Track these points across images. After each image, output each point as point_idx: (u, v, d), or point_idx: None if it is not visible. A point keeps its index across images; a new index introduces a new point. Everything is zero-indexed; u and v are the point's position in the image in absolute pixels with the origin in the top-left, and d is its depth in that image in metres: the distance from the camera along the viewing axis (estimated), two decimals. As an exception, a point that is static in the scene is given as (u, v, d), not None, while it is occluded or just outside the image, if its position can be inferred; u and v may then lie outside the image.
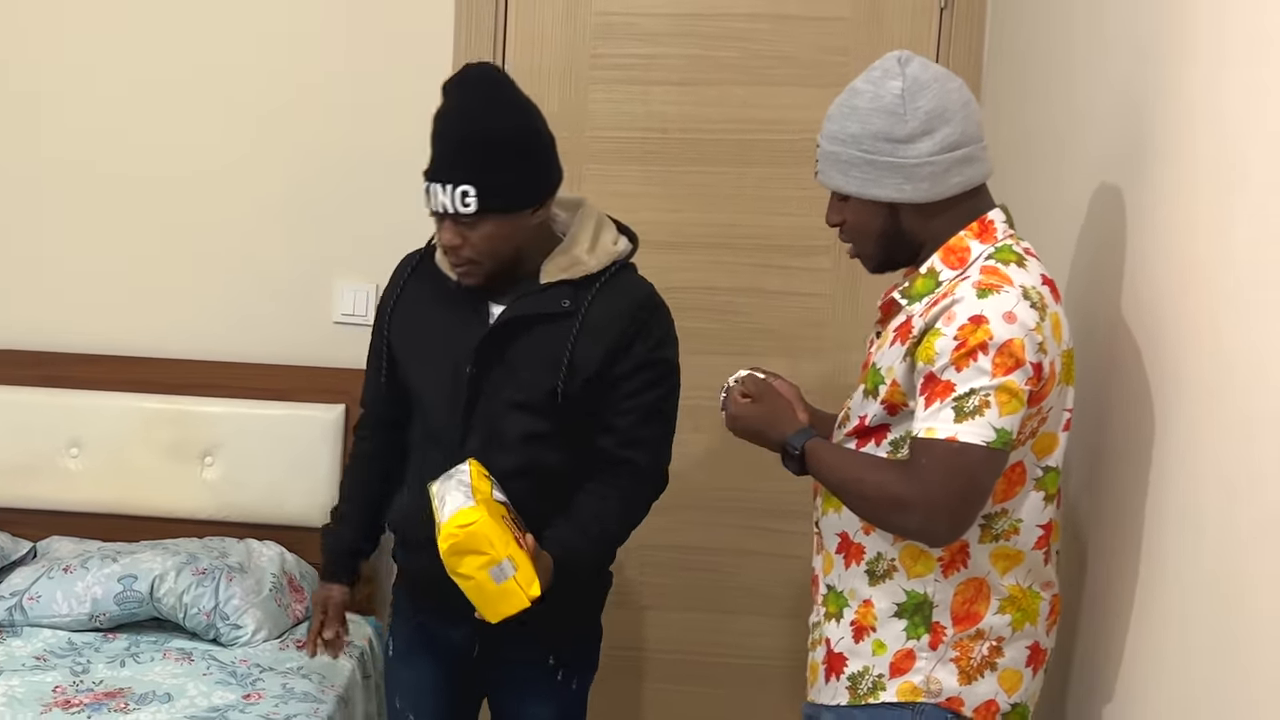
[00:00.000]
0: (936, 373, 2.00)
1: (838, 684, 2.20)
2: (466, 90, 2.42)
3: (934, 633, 2.11)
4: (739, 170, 3.54)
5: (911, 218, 2.12)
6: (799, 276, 3.55)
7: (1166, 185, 2.03)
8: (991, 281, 2.01)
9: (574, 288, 2.47)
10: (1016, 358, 1.96)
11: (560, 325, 2.46)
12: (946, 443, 1.97)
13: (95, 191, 3.64)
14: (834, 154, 2.14)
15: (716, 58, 3.52)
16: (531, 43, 3.55)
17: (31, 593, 3.29)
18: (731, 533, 3.63)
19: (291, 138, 3.58)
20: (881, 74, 2.11)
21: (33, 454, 3.58)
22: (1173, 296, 1.99)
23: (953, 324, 1.99)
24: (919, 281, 2.13)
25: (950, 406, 1.97)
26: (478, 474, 2.36)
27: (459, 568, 2.25)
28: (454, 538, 2.23)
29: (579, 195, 2.64)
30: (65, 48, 3.61)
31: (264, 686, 3.04)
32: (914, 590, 2.12)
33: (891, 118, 2.07)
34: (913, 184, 2.08)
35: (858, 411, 2.20)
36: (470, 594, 2.27)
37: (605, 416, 2.51)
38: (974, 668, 2.11)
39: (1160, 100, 2.09)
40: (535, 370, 2.46)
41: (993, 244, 2.09)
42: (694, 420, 3.58)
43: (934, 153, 2.06)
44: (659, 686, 3.70)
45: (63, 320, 3.66)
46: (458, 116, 2.40)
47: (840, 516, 2.20)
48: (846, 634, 2.19)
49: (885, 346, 2.15)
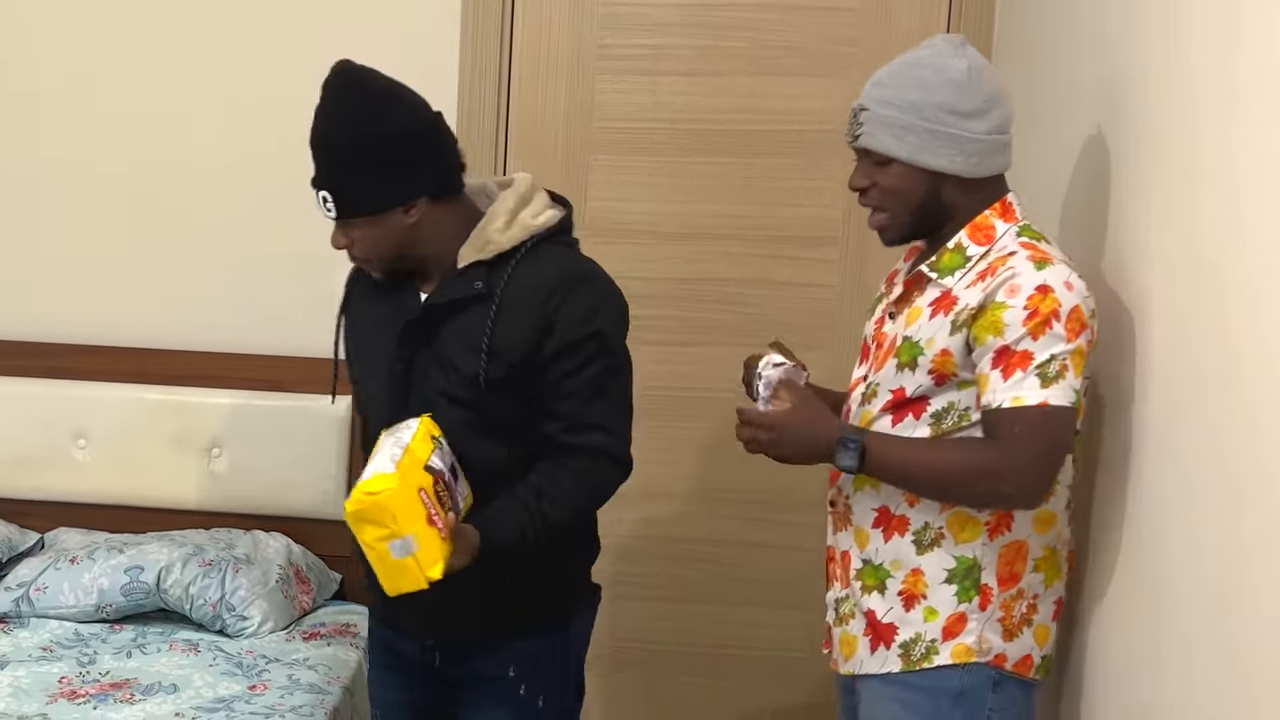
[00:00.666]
0: (1011, 344, 2.07)
1: (887, 653, 2.25)
2: (325, 94, 2.38)
3: (983, 594, 2.19)
4: (747, 161, 3.52)
5: (953, 190, 2.19)
6: (808, 267, 3.54)
7: (1173, 170, 2.02)
8: (1041, 255, 2.11)
9: (488, 268, 2.36)
10: (1082, 322, 2.07)
11: (478, 309, 2.36)
12: (1038, 408, 2.05)
13: (99, 184, 3.63)
14: (889, 118, 2.17)
15: (725, 48, 3.50)
16: (539, 33, 3.53)
17: (38, 584, 3.29)
18: (734, 524, 3.62)
19: (295, 128, 3.55)
20: (943, 52, 2.18)
21: (40, 445, 3.58)
22: (1176, 286, 1.98)
23: (1019, 295, 2.07)
24: (947, 256, 2.20)
25: (1034, 374, 2.05)
26: (423, 434, 2.25)
27: (361, 534, 2.17)
28: (359, 503, 2.15)
29: (522, 174, 2.51)
30: (65, 42, 3.60)
31: (270, 678, 3.04)
32: (963, 555, 2.19)
33: (958, 91, 2.14)
34: (964, 157, 2.15)
35: (889, 385, 2.22)
36: (371, 562, 2.19)
37: (546, 402, 2.38)
38: (1015, 625, 2.20)
39: (1167, 84, 2.07)
40: (460, 358, 2.37)
41: (1015, 223, 2.19)
42: (703, 412, 3.59)
43: (988, 132, 2.16)
44: (665, 679, 3.69)
45: (68, 312, 3.66)
46: (315, 121, 2.39)
47: (878, 492, 2.24)
48: (895, 604, 2.23)
49: (922, 320, 2.19)
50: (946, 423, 2.17)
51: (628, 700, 3.71)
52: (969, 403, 2.15)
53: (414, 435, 2.24)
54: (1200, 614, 1.80)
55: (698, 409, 3.59)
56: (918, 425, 2.19)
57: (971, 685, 2.19)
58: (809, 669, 3.64)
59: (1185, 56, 2.01)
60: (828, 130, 3.47)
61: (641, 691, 3.71)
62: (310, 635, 3.29)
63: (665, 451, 3.60)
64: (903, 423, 2.21)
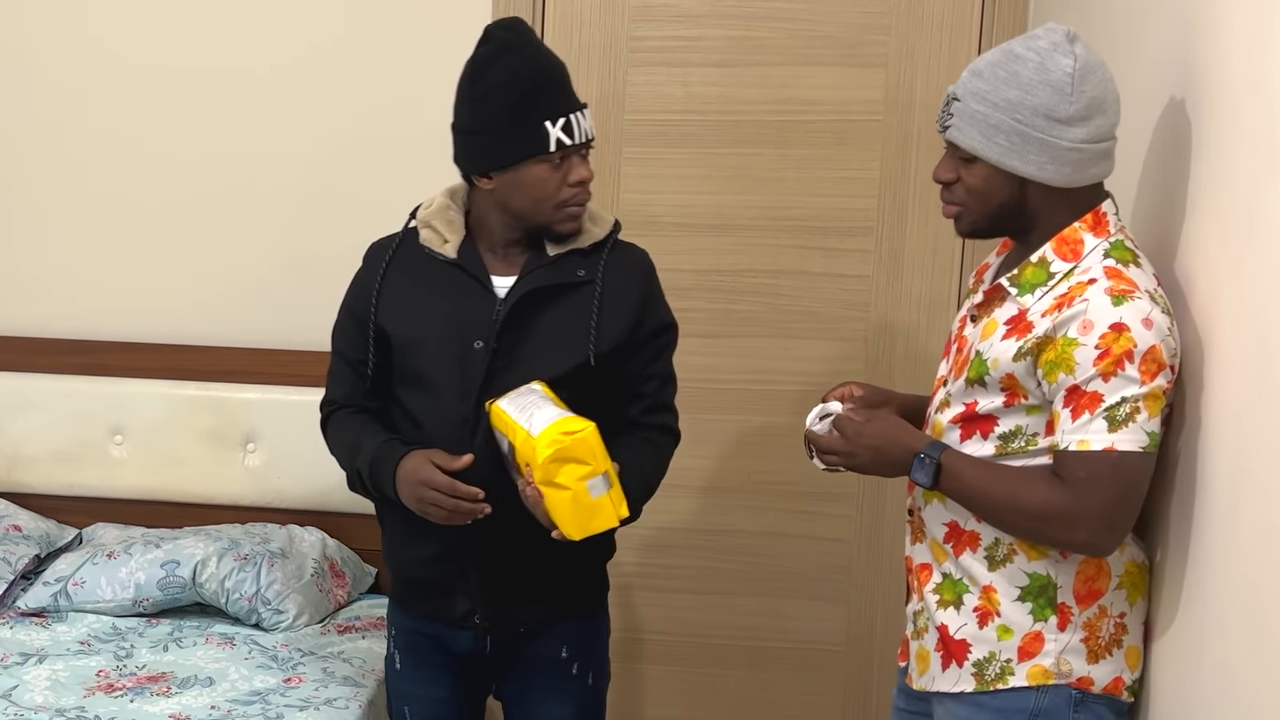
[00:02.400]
0: (1081, 384, 1.97)
1: (960, 671, 2.17)
2: (528, 34, 2.43)
3: (1061, 614, 2.10)
4: (779, 152, 3.50)
5: (1040, 198, 2.08)
6: (841, 258, 3.52)
7: (1207, 161, 1.98)
8: (1122, 287, 1.98)
9: (583, 255, 2.46)
10: (1159, 362, 1.95)
11: (580, 295, 2.44)
12: (1105, 454, 1.96)
13: (133, 180, 3.65)
14: (980, 114, 2.05)
15: (756, 38, 3.49)
16: (570, 27, 3.53)
17: (76, 578, 3.31)
18: (768, 516, 3.60)
19: (329, 123, 3.58)
20: (1049, 46, 2.03)
21: (77, 442, 3.61)
22: (1210, 270, 1.94)
23: (1092, 333, 1.96)
24: (1029, 271, 2.09)
25: (1102, 417, 1.96)
26: (554, 396, 2.32)
27: (556, 476, 2.21)
28: (559, 444, 2.19)
29: None
30: (104, 38, 3.62)
31: (305, 671, 3.05)
32: (1036, 572, 2.10)
33: (1058, 95, 2.00)
34: (1056, 165, 2.03)
35: (961, 398, 2.15)
36: (559, 507, 2.24)
37: (630, 384, 2.50)
38: (1102, 647, 2.10)
39: (1204, 71, 2.04)
40: (560, 343, 2.43)
41: (1106, 238, 2.06)
42: (737, 403, 3.58)
43: (1086, 140, 2.02)
44: (698, 671, 3.68)
45: (105, 309, 3.68)
46: (544, 53, 2.42)
47: (945, 506, 2.18)
48: (970, 620, 2.16)
49: (995, 338, 2.10)
50: (1013, 445, 2.09)
51: (661, 692, 3.70)
52: (1038, 428, 2.07)
53: (547, 395, 2.31)
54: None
55: (730, 401, 3.58)
56: (984, 444, 2.12)
57: (1050, 706, 2.10)
58: (843, 661, 3.63)
59: (1225, 40, 1.97)
60: (860, 120, 3.46)
61: (675, 683, 3.70)
62: (345, 629, 3.30)
63: (698, 443, 3.57)
64: (970, 439, 2.14)
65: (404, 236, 2.55)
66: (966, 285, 3.24)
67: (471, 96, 2.40)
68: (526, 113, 2.35)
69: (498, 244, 2.48)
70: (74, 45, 3.63)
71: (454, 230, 2.49)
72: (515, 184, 2.39)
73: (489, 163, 2.40)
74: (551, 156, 2.37)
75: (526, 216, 2.43)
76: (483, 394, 2.41)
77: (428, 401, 2.47)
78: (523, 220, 2.44)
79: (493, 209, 2.45)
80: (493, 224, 2.47)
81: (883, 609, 3.57)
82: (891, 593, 3.50)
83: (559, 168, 2.38)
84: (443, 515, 2.36)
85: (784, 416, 3.41)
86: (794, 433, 2.42)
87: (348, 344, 2.57)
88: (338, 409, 2.61)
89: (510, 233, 2.46)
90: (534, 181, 2.38)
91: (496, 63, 2.38)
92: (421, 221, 2.52)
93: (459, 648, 2.57)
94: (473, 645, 2.56)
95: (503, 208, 2.43)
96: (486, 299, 2.45)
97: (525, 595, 2.51)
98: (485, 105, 2.38)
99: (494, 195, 2.43)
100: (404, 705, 2.67)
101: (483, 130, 2.39)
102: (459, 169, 2.48)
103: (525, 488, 2.29)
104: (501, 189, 2.41)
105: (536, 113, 2.35)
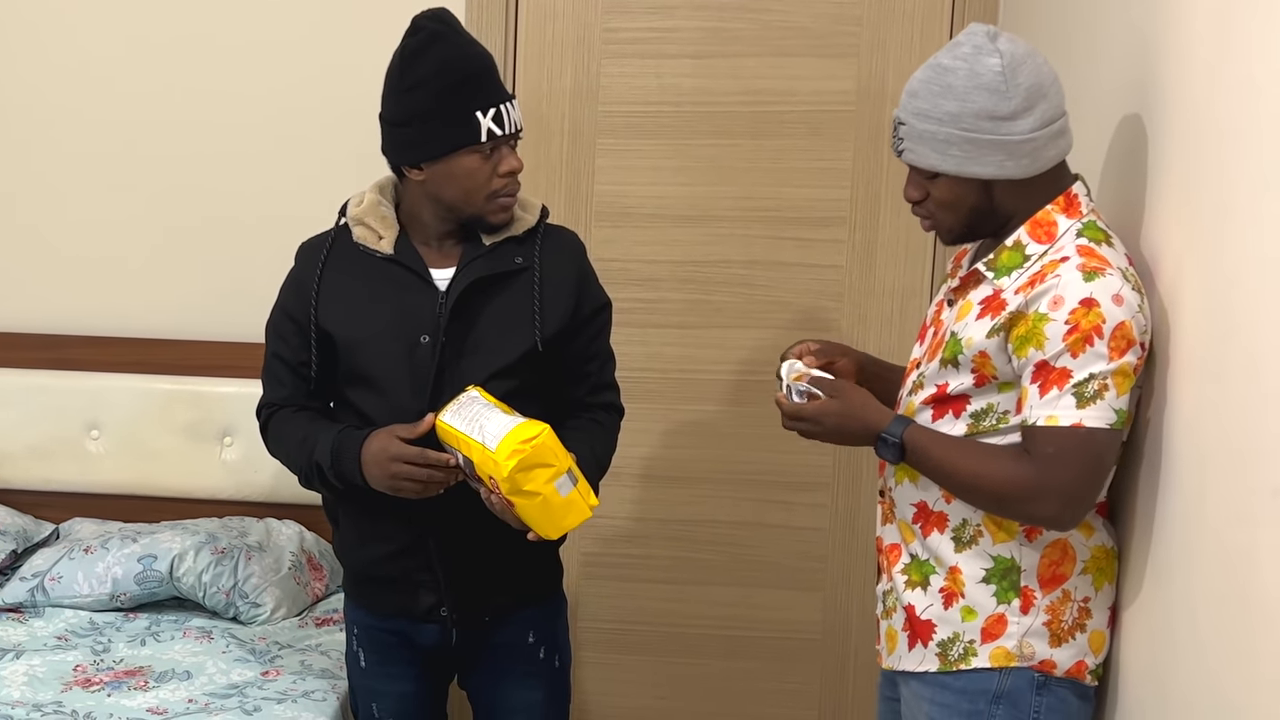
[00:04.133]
0: (1050, 359, 1.99)
1: (925, 651, 2.20)
2: (456, 24, 2.45)
3: (1024, 597, 2.13)
4: (754, 143, 3.51)
5: (1006, 193, 2.10)
6: (815, 248, 3.53)
7: (1172, 149, 2.00)
8: (1094, 264, 2.00)
9: (518, 243, 2.48)
10: (1129, 339, 1.97)
11: (519, 282, 2.46)
12: (1072, 429, 1.98)
13: (108, 176, 3.65)
14: (929, 133, 2.07)
15: (729, 30, 3.49)
16: (544, 17, 3.53)
17: (53, 573, 3.31)
18: (744, 506, 3.62)
19: (307, 118, 3.57)
20: (972, 50, 2.05)
21: (53, 437, 3.61)
22: (1175, 253, 1.96)
23: (1062, 308, 1.99)
24: (1005, 255, 2.11)
25: (1070, 393, 1.98)
26: (494, 399, 2.33)
27: (525, 484, 2.22)
28: (520, 453, 2.20)
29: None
30: (75, 35, 3.61)
31: (283, 663, 3.05)
32: (1000, 555, 2.13)
33: (994, 95, 2.02)
34: (1014, 160, 2.05)
35: (934, 379, 2.18)
36: (532, 513, 2.26)
37: (574, 365, 2.54)
38: (1065, 630, 2.13)
39: (1165, 61, 2.06)
40: (506, 331, 2.44)
41: (1079, 219, 2.09)
42: (711, 394, 3.59)
43: (1035, 129, 2.04)
44: (675, 661, 3.70)
45: (79, 304, 3.67)
46: (472, 44, 2.43)
47: (915, 486, 2.21)
48: (935, 601, 2.19)
49: (970, 318, 2.12)
50: (985, 424, 2.12)
51: (637, 683, 3.71)
52: (1009, 406, 2.09)
53: (489, 400, 2.32)
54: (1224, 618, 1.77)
55: (705, 391, 3.59)
56: (956, 423, 2.15)
57: (1012, 688, 2.13)
58: (820, 650, 3.65)
59: (1189, 28, 1.99)
60: (834, 111, 3.47)
61: (651, 674, 3.71)
62: (323, 621, 3.31)
63: (672, 434, 3.61)
64: (942, 419, 2.16)
65: (336, 234, 2.54)
66: (940, 275, 3.26)
67: (401, 87, 2.40)
68: (457, 103, 2.36)
69: (432, 237, 2.48)
70: (44, 42, 3.62)
71: (388, 226, 2.48)
72: (446, 175, 2.40)
73: (419, 154, 2.40)
74: (482, 147, 2.37)
75: (458, 207, 2.43)
76: (435, 388, 2.41)
77: (380, 400, 2.46)
78: (455, 211, 2.44)
79: (424, 201, 2.45)
80: (425, 217, 2.47)
81: (859, 598, 3.59)
82: (868, 581, 3.52)
83: (489, 158, 2.39)
84: (417, 489, 2.36)
85: (758, 406, 3.43)
86: (769, 424, 2.43)
87: (286, 347, 2.56)
88: (278, 410, 2.59)
89: (443, 225, 2.47)
90: (465, 172, 2.39)
91: (426, 53, 2.38)
92: (353, 219, 2.51)
93: (425, 641, 2.58)
94: (439, 638, 2.56)
95: (434, 199, 2.43)
96: (428, 293, 2.45)
97: (489, 584, 2.52)
98: (415, 96, 2.38)
99: (424, 187, 2.43)
100: (371, 702, 2.67)
101: (412, 121, 2.39)
102: (388, 160, 2.48)
103: (490, 496, 2.30)
104: (432, 180, 2.41)
105: (467, 103, 2.36)
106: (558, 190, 3.57)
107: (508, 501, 2.26)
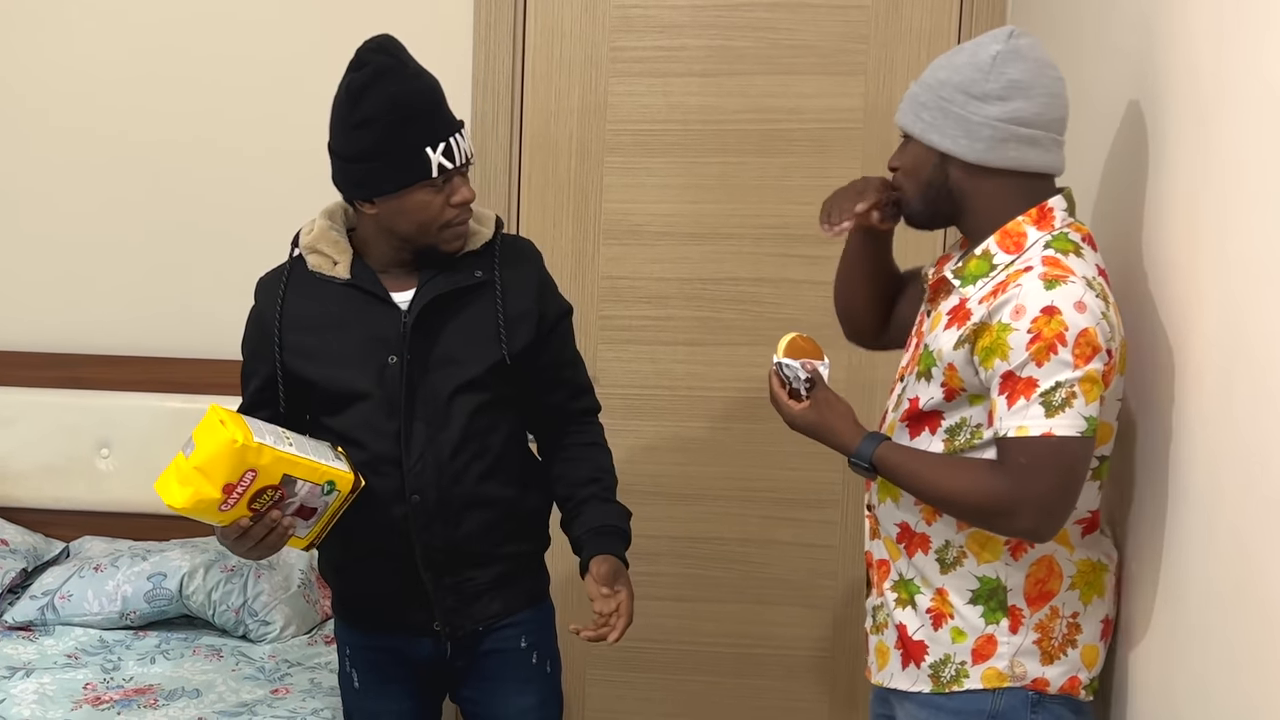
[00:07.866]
0: (1015, 370, 1.98)
1: (918, 672, 2.20)
2: (402, 54, 2.43)
3: (1012, 616, 2.12)
4: (761, 160, 3.53)
5: (959, 173, 2.12)
6: (823, 266, 3.51)
7: (1175, 158, 2.01)
8: (1055, 273, 2.00)
9: (476, 256, 2.48)
10: (1094, 345, 1.96)
11: (482, 294, 2.46)
12: (1043, 439, 1.97)
13: (119, 195, 3.67)
14: (915, 94, 2.16)
15: (736, 48, 3.51)
16: (551, 36, 3.55)
17: (63, 592, 3.32)
18: (752, 523, 3.63)
19: (310, 138, 3.57)
20: (988, 39, 2.12)
21: (64, 456, 3.62)
22: (1185, 267, 1.96)
23: (1024, 318, 1.98)
24: (972, 263, 2.13)
25: (1038, 402, 1.97)
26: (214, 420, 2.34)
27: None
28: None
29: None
30: (76, 43, 3.64)
31: (292, 681, 3.06)
32: (985, 576, 2.13)
33: (978, 72, 2.08)
34: (969, 140, 2.09)
35: (909, 393, 2.19)
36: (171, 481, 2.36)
37: (549, 374, 2.56)
38: (1056, 647, 2.12)
39: (1169, 73, 2.06)
40: (472, 344, 2.44)
41: (1050, 231, 2.09)
42: (720, 411, 3.60)
43: (999, 119, 2.07)
44: (685, 678, 3.70)
45: (90, 323, 3.69)
46: (420, 76, 2.41)
47: (898, 506, 2.21)
48: (925, 621, 2.19)
49: (939, 329, 2.14)
50: (960, 439, 2.11)
51: (646, 700, 3.71)
52: (981, 419, 2.09)
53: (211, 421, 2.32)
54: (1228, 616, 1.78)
55: (713, 408, 3.60)
56: (933, 440, 2.15)
57: (1007, 708, 2.13)
58: (829, 667, 3.65)
59: (1193, 39, 2.00)
60: (841, 128, 3.48)
61: (660, 691, 3.71)
62: (332, 640, 3.30)
63: (681, 451, 3.62)
64: (919, 436, 2.17)
65: (292, 265, 2.53)
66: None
67: (349, 124, 2.38)
68: (406, 141, 2.34)
69: (390, 264, 2.46)
70: (45, 55, 3.64)
71: (341, 251, 2.47)
72: (399, 210, 2.38)
73: (370, 190, 2.38)
74: (434, 181, 2.36)
75: (412, 239, 2.42)
76: (408, 406, 2.42)
77: (360, 421, 2.45)
78: (409, 242, 2.43)
79: (378, 232, 2.44)
80: (380, 246, 2.46)
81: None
82: (876, 598, 3.52)
83: (441, 190, 2.38)
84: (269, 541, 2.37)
85: (767, 423, 3.40)
86: (778, 441, 2.43)
87: (256, 378, 2.54)
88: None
89: (398, 254, 2.45)
90: (417, 206, 2.38)
91: (373, 89, 2.35)
92: (306, 247, 2.50)
93: (419, 655, 2.57)
94: (433, 651, 2.56)
95: (388, 232, 2.43)
96: (390, 314, 2.44)
97: (479, 593, 2.52)
98: (364, 133, 2.36)
99: (378, 220, 2.42)
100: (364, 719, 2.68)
101: (362, 159, 2.38)
102: (340, 192, 2.47)
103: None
104: (385, 214, 2.40)
105: (416, 140, 2.34)
106: (566, 208, 3.58)
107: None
